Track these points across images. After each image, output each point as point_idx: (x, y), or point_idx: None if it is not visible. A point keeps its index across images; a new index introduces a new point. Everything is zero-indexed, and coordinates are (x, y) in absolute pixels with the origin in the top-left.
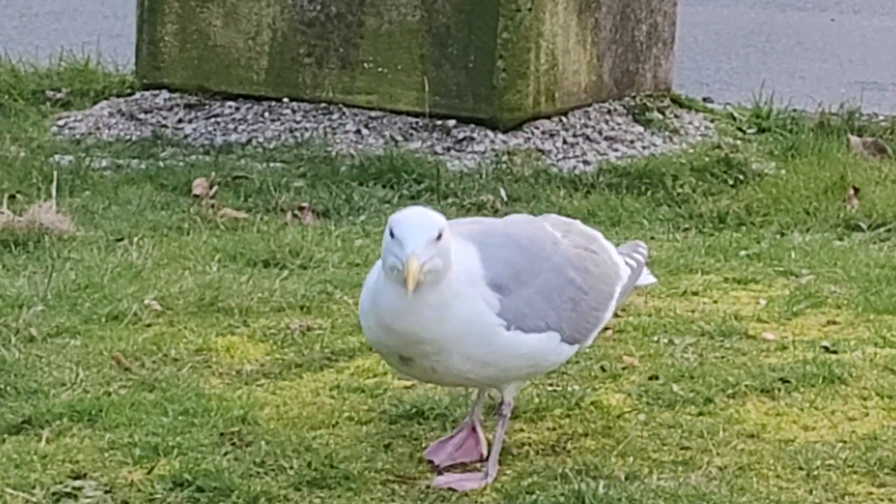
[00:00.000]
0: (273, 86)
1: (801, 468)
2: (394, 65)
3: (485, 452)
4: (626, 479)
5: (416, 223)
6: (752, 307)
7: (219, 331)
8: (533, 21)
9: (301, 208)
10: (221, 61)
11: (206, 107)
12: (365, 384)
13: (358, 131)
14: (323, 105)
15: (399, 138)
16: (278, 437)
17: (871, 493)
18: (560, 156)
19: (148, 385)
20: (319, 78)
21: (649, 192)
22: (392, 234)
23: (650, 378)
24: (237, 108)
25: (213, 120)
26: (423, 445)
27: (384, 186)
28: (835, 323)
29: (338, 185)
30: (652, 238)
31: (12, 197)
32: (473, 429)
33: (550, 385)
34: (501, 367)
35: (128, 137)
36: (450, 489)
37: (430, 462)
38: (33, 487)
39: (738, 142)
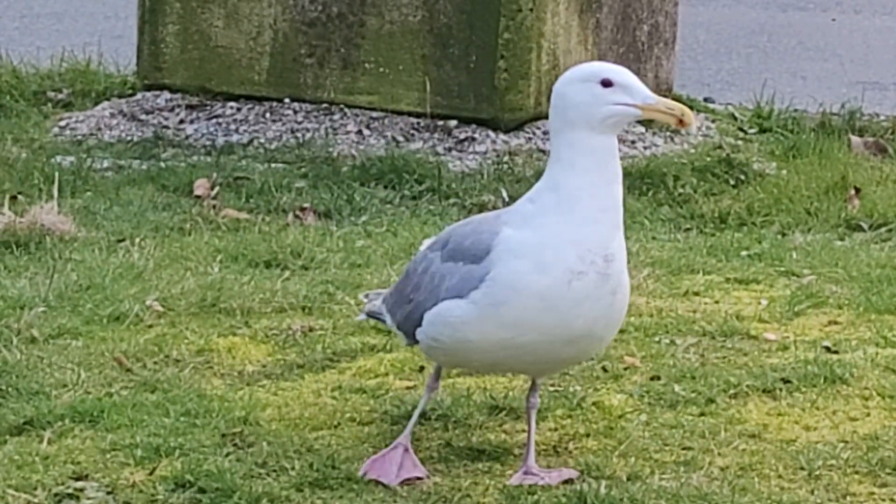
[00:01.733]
0: (274, 86)
1: (802, 468)
2: (395, 65)
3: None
4: (628, 479)
5: (631, 73)
6: (754, 307)
7: (220, 332)
8: (534, 21)
9: (302, 209)
10: (223, 62)
11: (208, 107)
12: (367, 385)
13: (359, 132)
14: (324, 105)
15: (400, 139)
16: (280, 438)
17: (872, 494)
18: None
19: (149, 386)
20: (321, 78)
21: (651, 193)
22: (605, 84)
23: (652, 378)
24: (238, 109)
25: (214, 121)
26: (427, 446)
27: (385, 187)
28: (836, 323)
29: (339, 186)
30: (653, 238)
31: (14, 198)
32: (406, 449)
33: (552, 386)
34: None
35: (129, 138)
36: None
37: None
38: (35, 488)
39: (740, 142)
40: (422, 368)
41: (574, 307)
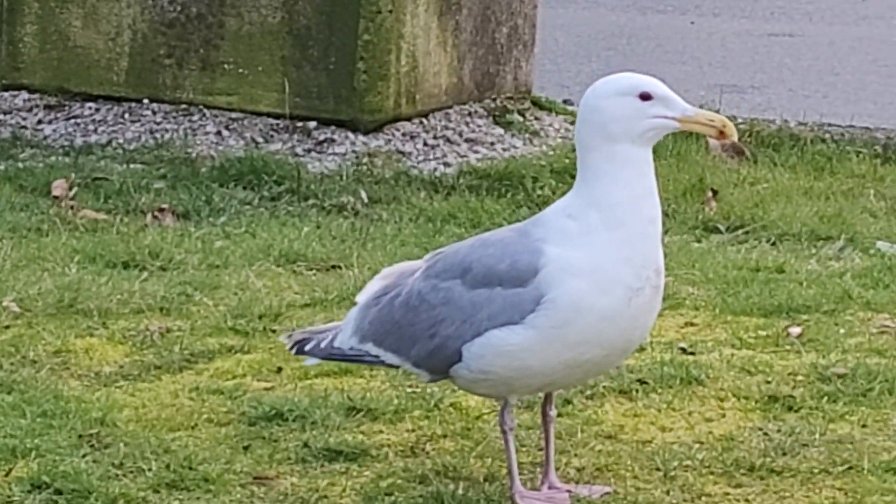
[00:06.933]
0: (133, 87)
1: (658, 469)
2: (254, 66)
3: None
4: (485, 480)
5: (665, 85)
6: None
7: (78, 332)
8: (393, 23)
9: (161, 210)
10: (81, 62)
11: (66, 108)
12: (224, 386)
13: (218, 133)
14: (183, 106)
15: (259, 140)
16: (137, 439)
17: (727, 494)
18: (420, 158)
19: (6, 387)
20: (180, 79)
21: (509, 194)
22: (644, 97)
23: None
24: (97, 109)
25: (72, 121)
26: (284, 447)
27: (244, 188)
28: (692, 324)
29: (198, 187)
30: None
31: None
32: (523, 495)
33: (409, 386)
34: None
35: None
36: None
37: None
38: None
39: None
40: (279, 370)
41: (633, 321)
